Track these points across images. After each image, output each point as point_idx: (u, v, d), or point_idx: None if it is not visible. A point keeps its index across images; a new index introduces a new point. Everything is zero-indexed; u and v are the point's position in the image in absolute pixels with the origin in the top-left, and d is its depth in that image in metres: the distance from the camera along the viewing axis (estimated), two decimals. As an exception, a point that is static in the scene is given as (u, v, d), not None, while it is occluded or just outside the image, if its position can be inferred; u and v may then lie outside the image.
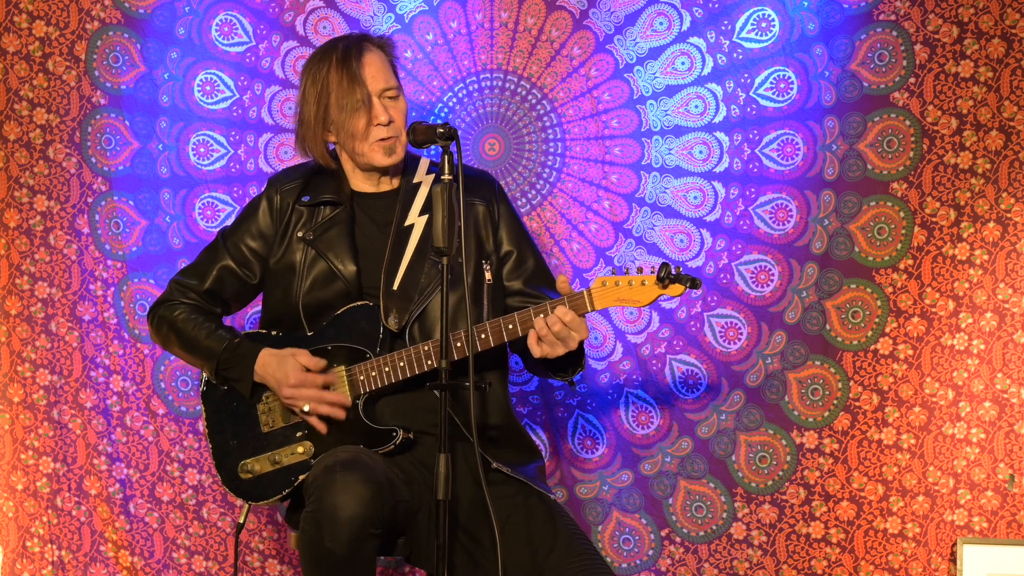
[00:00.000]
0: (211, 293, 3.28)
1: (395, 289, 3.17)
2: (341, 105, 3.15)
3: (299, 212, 3.26)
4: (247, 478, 3.19)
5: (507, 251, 3.28)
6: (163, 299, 3.30)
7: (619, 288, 3.02)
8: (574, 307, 3.02)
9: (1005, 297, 3.74)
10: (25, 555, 3.95)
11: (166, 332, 3.27)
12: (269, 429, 3.19)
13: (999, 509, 3.75)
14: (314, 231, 3.23)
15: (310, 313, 3.20)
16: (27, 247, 3.92)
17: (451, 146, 2.95)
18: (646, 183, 3.87)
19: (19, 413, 3.94)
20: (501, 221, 3.28)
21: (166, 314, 3.27)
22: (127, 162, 3.93)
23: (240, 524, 3.26)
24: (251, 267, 3.28)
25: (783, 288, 3.82)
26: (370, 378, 3.12)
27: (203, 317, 3.25)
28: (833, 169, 3.78)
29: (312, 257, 3.22)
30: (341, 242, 3.22)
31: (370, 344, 3.14)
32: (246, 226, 3.29)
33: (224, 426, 3.22)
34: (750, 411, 3.83)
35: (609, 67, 3.86)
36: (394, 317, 3.15)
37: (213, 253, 3.31)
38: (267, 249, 3.27)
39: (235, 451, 3.20)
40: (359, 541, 2.85)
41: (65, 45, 3.90)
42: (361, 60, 3.16)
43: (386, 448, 3.09)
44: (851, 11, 3.76)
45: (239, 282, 3.29)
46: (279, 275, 3.25)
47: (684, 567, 3.87)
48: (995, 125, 3.73)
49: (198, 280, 3.29)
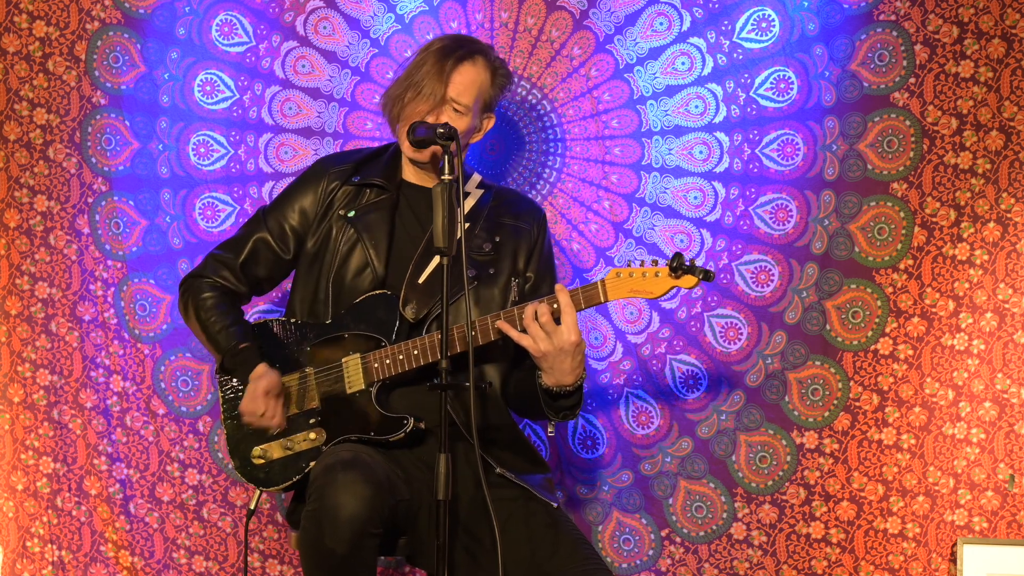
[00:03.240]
0: (244, 267, 3.31)
1: (420, 283, 3.19)
2: (414, 83, 3.21)
3: (345, 192, 3.30)
4: (260, 463, 3.21)
5: (529, 276, 3.32)
6: (197, 272, 3.34)
7: (632, 279, 3.03)
8: (588, 298, 3.04)
9: (1005, 297, 3.74)
10: (25, 555, 3.95)
11: (189, 310, 3.31)
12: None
13: (999, 509, 3.75)
14: (356, 210, 3.26)
15: (336, 295, 3.22)
16: (27, 247, 3.92)
17: (451, 146, 2.96)
18: (646, 183, 3.87)
19: (19, 413, 3.94)
20: (536, 250, 3.33)
21: (196, 292, 3.30)
22: (127, 162, 3.93)
23: (251, 510, 3.27)
24: (287, 241, 3.31)
25: (783, 288, 3.82)
26: (384, 366, 3.14)
27: (225, 306, 3.28)
28: (833, 169, 3.78)
29: (349, 236, 3.26)
30: (380, 226, 3.26)
31: (386, 333, 3.16)
32: (291, 202, 3.33)
33: (238, 412, 3.23)
34: (750, 411, 3.83)
35: (609, 67, 3.86)
36: (412, 308, 3.18)
37: (251, 226, 3.35)
38: (306, 227, 3.31)
39: (248, 437, 3.22)
40: (360, 540, 2.85)
41: (65, 45, 3.90)
42: (461, 64, 3.22)
43: (396, 436, 3.10)
44: (851, 11, 3.76)
45: (273, 255, 3.32)
46: (313, 256, 3.29)
47: (684, 567, 3.87)
48: (995, 125, 3.73)
49: (234, 253, 3.32)
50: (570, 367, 3.05)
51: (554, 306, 3.03)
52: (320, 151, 3.90)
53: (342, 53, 3.90)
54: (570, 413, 3.17)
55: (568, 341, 3.01)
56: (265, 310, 3.86)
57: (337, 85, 3.91)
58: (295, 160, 3.92)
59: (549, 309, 3.02)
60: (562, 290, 3.04)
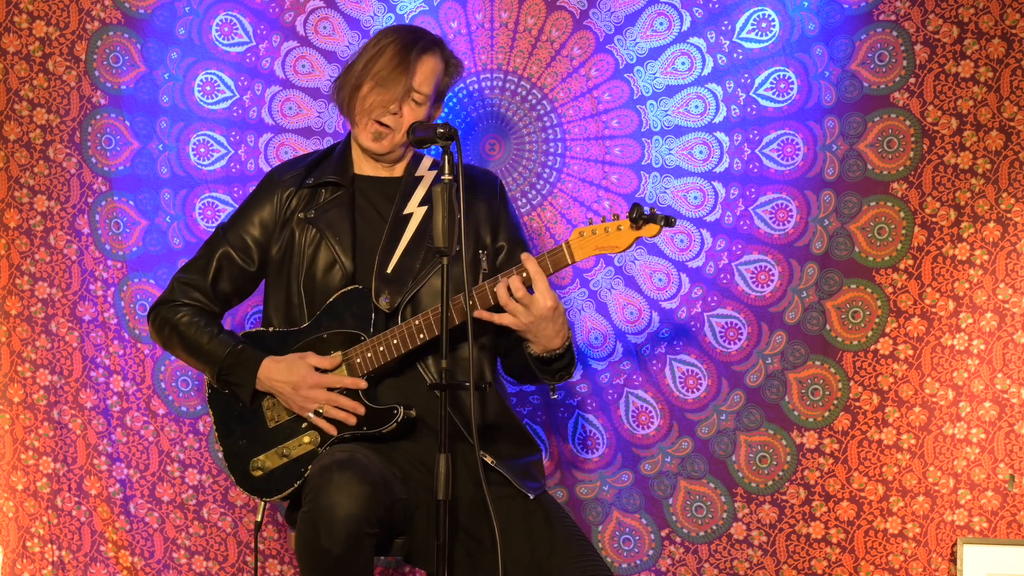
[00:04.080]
0: (213, 286, 3.30)
1: (388, 272, 3.20)
2: (377, 75, 3.20)
3: (300, 196, 3.30)
4: (259, 475, 3.20)
5: (500, 246, 3.31)
6: (164, 299, 3.31)
7: (596, 236, 3.03)
8: (555, 262, 3.04)
9: (1005, 297, 3.74)
10: (25, 555, 3.95)
11: (168, 334, 3.28)
12: (275, 424, 3.20)
13: (999, 509, 3.75)
14: (316, 211, 3.26)
15: (309, 298, 3.21)
16: (27, 247, 3.92)
17: (451, 146, 2.96)
18: (646, 183, 3.87)
19: (19, 413, 3.94)
20: (500, 218, 3.32)
21: (168, 316, 3.28)
22: (127, 162, 3.93)
23: (258, 523, 3.27)
24: (250, 253, 3.30)
25: (783, 288, 3.82)
26: (366, 359, 3.13)
27: (205, 320, 3.26)
28: (833, 169, 3.78)
29: (312, 236, 3.25)
30: (340, 221, 3.25)
31: (363, 327, 3.16)
32: (247, 216, 3.32)
33: (232, 428, 3.23)
34: (750, 411, 3.83)
35: (609, 67, 3.86)
36: (385, 298, 3.18)
37: (211, 245, 3.34)
38: (267, 238, 3.29)
39: (245, 451, 3.22)
40: (356, 540, 2.85)
41: (65, 45, 3.90)
42: (423, 56, 3.22)
43: (389, 427, 3.10)
44: (851, 11, 3.76)
45: (238, 270, 3.30)
46: (279, 263, 3.27)
47: (684, 567, 3.87)
48: (995, 125, 3.73)
49: (199, 274, 3.31)
50: (553, 331, 3.06)
51: (523, 275, 3.03)
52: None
53: (342, 53, 3.90)
54: (565, 373, 3.18)
55: (546, 307, 3.02)
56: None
57: (337, 85, 3.91)
58: (295, 160, 3.92)
59: (520, 279, 3.02)
60: (528, 258, 3.03)
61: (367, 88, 3.21)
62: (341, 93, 3.27)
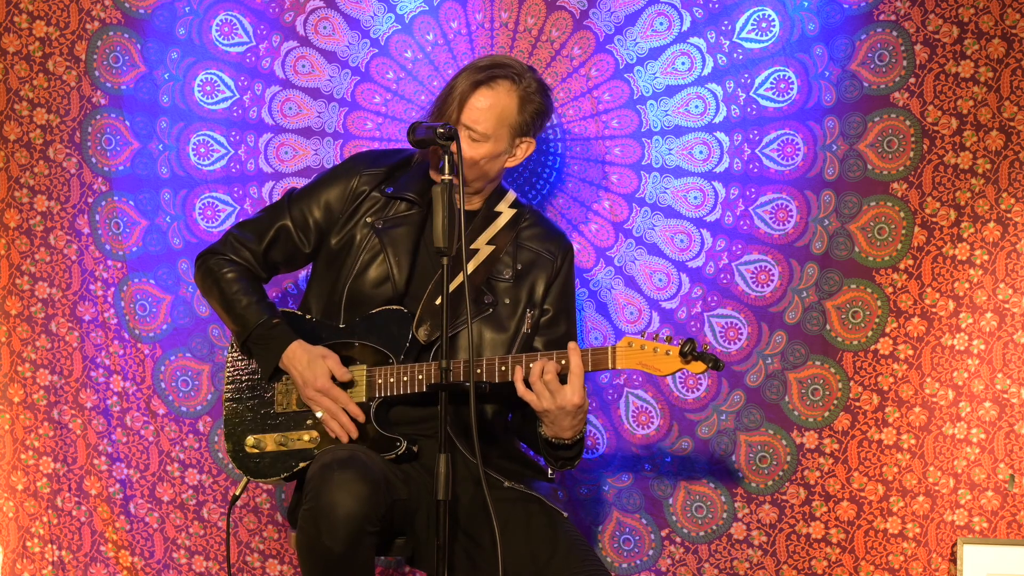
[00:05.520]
0: (264, 253, 3.29)
1: (437, 305, 3.16)
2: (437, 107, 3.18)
3: (374, 199, 3.27)
4: (252, 452, 3.21)
5: (546, 309, 3.30)
6: (215, 249, 3.32)
7: (643, 352, 3.05)
8: (596, 362, 3.03)
9: (1005, 297, 3.74)
10: (25, 555, 3.95)
11: (210, 284, 3.28)
12: (282, 409, 3.21)
13: (999, 509, 3.75)
14: (384, 221, 3.24)
15: (351, 301, 3.21)
16: (27, 247, 3.92)
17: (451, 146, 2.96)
18: (646, 183, 3.87)
19: (19, 413, 3.94)
20: (556, 282, 3.31)
21: (215, 267, 3.28)
22: (127, 162, 3.93)
23: (235, 496, 3.28)
24: (308, 234, 3.29)
25: (783, 288, 3.82)
26: (388, 383, 3.13)
27: (249, 283, 3.26)
28: (833, 169, 3.78)
29: (372, 245, 3.23)
30: (405, 241, 3.23)
31: (395, 350, 3.15)
32: (316, 194, 3.30)
33: (243, 394, 3.24)
34: (750, 411, 3.83)
35: (609, 67, 3.86)
36: (425, 330, 3.16)
37: (275, 212, 3.33)
38: (329, 223, 3.28)
39: (247, 423, 3.22)
40: (356, 539, 2.85)
41: (65, 45, 3.90)
42: (478, 90, 3.16)
43: (388, 456, 3.11)
44: (851, 11, 3.76)
45: (292, 246, 3.30)
46: (334, 255, 3.26)
47: (684, 567, 3.87)
48: (995, 125, 3.73)
49: (255, 237, 3.30)
50: (569, 424, 3.05)
51: (562, 363, 3.02)
52: (320, 151, 3.90)
53: (342, 53, 3.90)
54: (569, 464, 3.17)
55: (571, 403, 3.01)
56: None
57: (337, 85, 3.91)
58: (295, 160, 3.92)
59: (556, 368, 3.01)
60: (574, 350, 3.01)
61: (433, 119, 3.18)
62: None
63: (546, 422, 3.07)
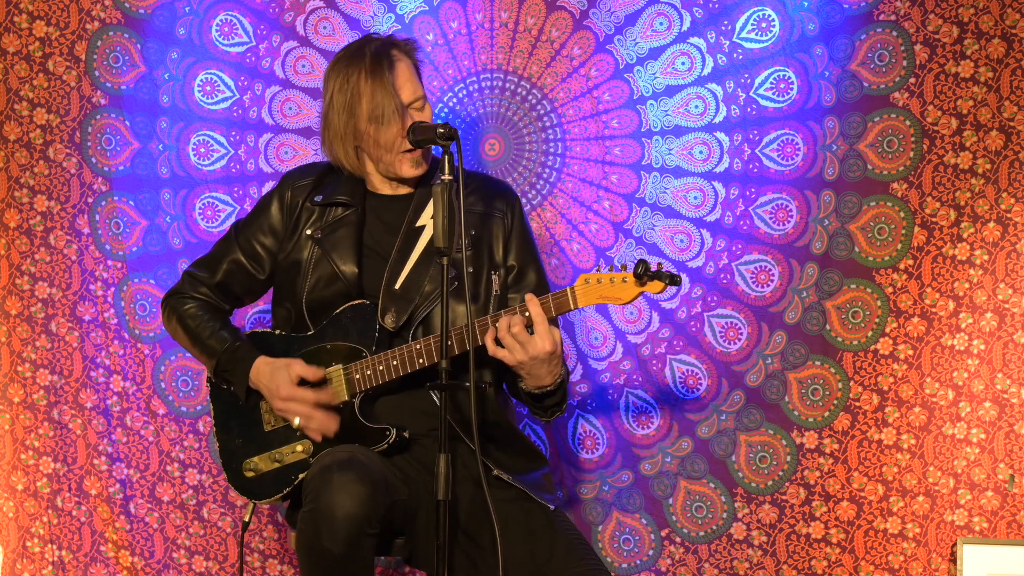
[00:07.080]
0: (221, 287, 3.32)
1: (396, 288, 3.18)
2: (372, 116, 3.15)
3: (310, 210, 3.28)
4: (251, 476, 3.21)
5: (511, 265, 3.28)
6: (175, 290, 3.34)
7: (601, 285, 3.02)
8: (558, 305, 3.02)
9: (1005, 297, 3.74)
10: (25, 555, 3.95)
11: (175, 325, 3.31)
12: (271, 427, 3.21)
13: (999, 509, 3.75)
14: (323, 230, 3.25)
15: (312, 311, 3.21)
16: (27, 247, 3.93)
17: (451, 146, 2.96)
18: (646, 183, 3.87)
19: (19, 413, 3.94)
20: (513, 236, 3.30)
21: (176, 306, 3.31)
22: (127, 162, 3.93)
23: (245, 523, 3.29)
24: (260, 262, 3.30)
25: (783, 288, 3.82)
26: (365, 376, 3.13)
27: (210, 314, 3.28)
28: (833, 169, 3.78)
29: (318, 255, 3.24)
30: (346, 243, 3.23)
31: (367, 343, 3.15)
32: (258, 222, 3.32)
33: (231, 425, 3.24)
34: (750, 411, 3.83)
35: (609, 67, 3.86)
36: (391, 316, 3.16)
37: (224, 246, 3.34)
38: (277, 245, 3.29)
39: (240, 450, 3.22)
40: (356, 540, 2.85)
41: (65, 45, 3.90)
42: (393, 70, 3.16)
43: (379, 447, 3.10)
44: (851, 11, 3.76)
45: (248, 276, 3.32)
46: (287, 271, 3.27)
47: (684, 567, 3.87)
48: (995, 125, 3.73)
49: (209, 273, 3.32)
50: (546, 371, 3.05)
51: (526, 315, 3.02)
52: (320, 151, 3.89)
53: (342, 53, 3.90)
54: (557, 409, 3.18)
55: (543, 350, 3.00)
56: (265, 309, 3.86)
57: (337, 85, 3.91)
58: (295, 160, 3.92)
59: (522, 320, 3.00)
60: (532, 300, 3.00)
61: (372, 132, 3.17)
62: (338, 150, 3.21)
63: (524, 375, 3.07)
